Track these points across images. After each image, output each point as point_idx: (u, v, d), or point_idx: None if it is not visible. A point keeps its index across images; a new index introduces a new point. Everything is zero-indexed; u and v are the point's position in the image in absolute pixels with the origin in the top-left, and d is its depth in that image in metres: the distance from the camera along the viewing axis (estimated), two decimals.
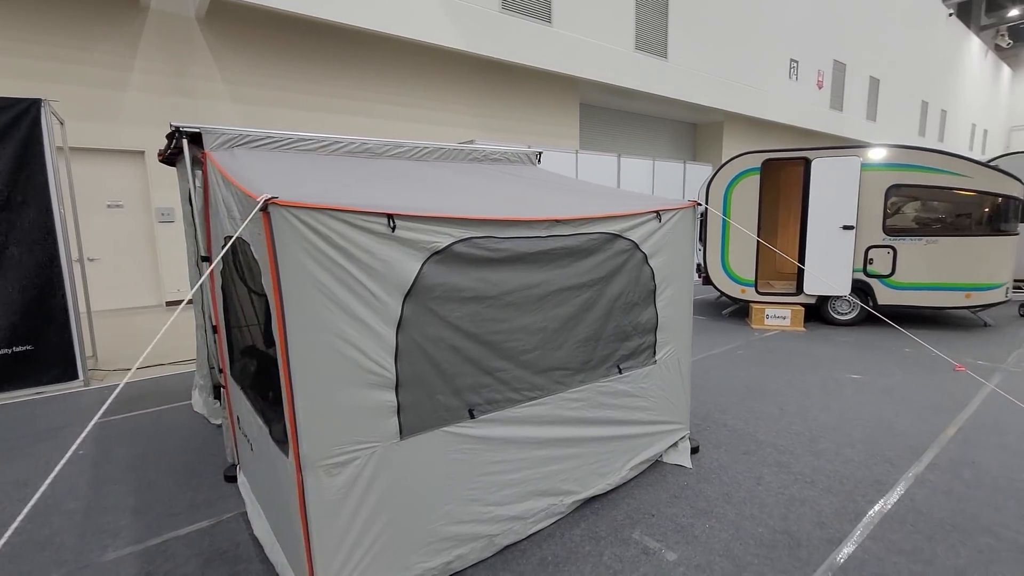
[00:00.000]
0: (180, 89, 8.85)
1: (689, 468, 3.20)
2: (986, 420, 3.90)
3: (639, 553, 2.42)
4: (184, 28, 8.81)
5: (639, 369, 2.98)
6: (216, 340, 3.05)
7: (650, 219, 2.92)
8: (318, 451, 1.85)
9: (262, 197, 1.70)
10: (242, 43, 9.29)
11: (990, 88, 32.60)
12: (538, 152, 4.33)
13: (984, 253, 6.26)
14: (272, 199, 1.70)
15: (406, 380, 2.05)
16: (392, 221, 1.97)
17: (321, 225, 1.81)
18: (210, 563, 2.40)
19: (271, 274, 1.75)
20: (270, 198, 1.70)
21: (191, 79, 8.96)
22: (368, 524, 2.00)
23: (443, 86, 11.68)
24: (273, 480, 2.22)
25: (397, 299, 2.00)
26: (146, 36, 8.52)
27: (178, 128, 2.84)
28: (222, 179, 2.46)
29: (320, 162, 2.99)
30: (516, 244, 2.34)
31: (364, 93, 10.62)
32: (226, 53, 9.21)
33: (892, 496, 2.88)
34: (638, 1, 13.51)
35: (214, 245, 2.89)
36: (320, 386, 1.84)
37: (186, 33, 8.85)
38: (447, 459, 2.22)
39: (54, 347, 4.76)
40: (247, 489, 2.90)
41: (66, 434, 3.85)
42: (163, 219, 9.03)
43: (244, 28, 9.22)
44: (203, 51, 9.04)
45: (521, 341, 2.41)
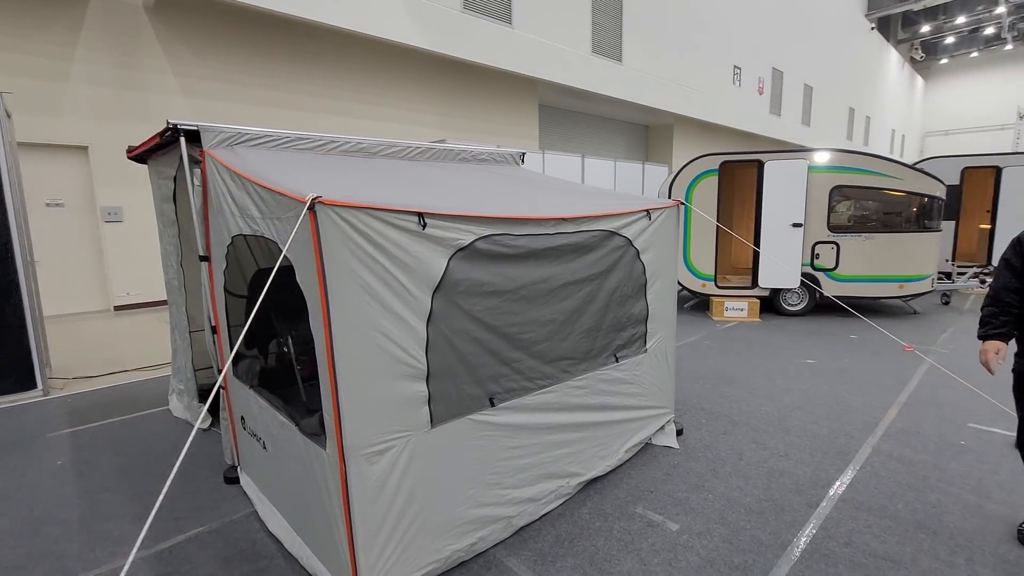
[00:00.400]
0: (127, 82, 8.40)
1: (677, 448, 3.44)
2: (924, 395, 4.38)
3: (644, 526, 2.62)
4: (130, 17, 8.36)
5: (633, 357, 3.19)
6: (216, 341, 3.01)
7: (641, 217, 3.13)
8: (359, 440, 1.93)
9: (309, 197, 1.76)
10: (194, 35, 8.91)
11: (907, 97, 35.52)
12: (522, 153, 4.48)
13: (913, 248, 6.94)
14: (318, 198, 1.77)
15: (435, 371, 2.15)
16: (423, 219, 2.06)
17: (361, 223, 1.88)
18: (229, 562, 2.41)
19: (317, 271, 1.80)
20: (316, 197, 1.76)
21: (139, 71, 8.51)
22: (403, 509, 2.08)
23: (405, 85, 11.61)
24: (301, 474, 2.26)
25: (427, 294, 2.09)
26: (88, 25, 8.03)
27: (175, 125, 2.79)
28: (234, 177, 2.46)
29: (322, 161, 3.01)
30: (528, 241, 2.48)
31: (322, 90, 10.41)
32: (176, 45, 8.80)
33: (856, 463, 3.23)
34: (594, 6, 13.90)
35: (215, 244, 2.86)
36: (361, 378, 1.92)
37: (133, 23, 8.40)
38: (471, 445, 2.33)
39: (10, 355, 4.47)
40: (254, 489, 2.89)
41: (38, 445, 3.66)
42: (109, 219, 8.54)
43: (196, 19, 8.85)
44: (151, 42, 8.60)
45: (533, 333, 2.55)
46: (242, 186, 2.41)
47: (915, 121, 37.71)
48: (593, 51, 14.05)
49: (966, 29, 31.49)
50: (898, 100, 34.22)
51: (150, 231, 8.76)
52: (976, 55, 33.74)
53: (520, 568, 2.33)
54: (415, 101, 11.84)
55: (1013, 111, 30.67)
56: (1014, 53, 31.86)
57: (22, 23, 7.46)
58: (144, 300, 8.84)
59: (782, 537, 2.53)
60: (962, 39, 33.06)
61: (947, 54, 34.87)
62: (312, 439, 2.11)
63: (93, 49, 8.05)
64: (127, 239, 8.60)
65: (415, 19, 10.35)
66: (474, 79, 12.72)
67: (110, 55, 8.21)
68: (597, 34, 14.09)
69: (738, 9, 19.06)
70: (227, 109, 9.31)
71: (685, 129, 19.14)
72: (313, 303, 1.89)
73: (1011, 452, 3.36)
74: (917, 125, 38.19)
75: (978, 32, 31.52)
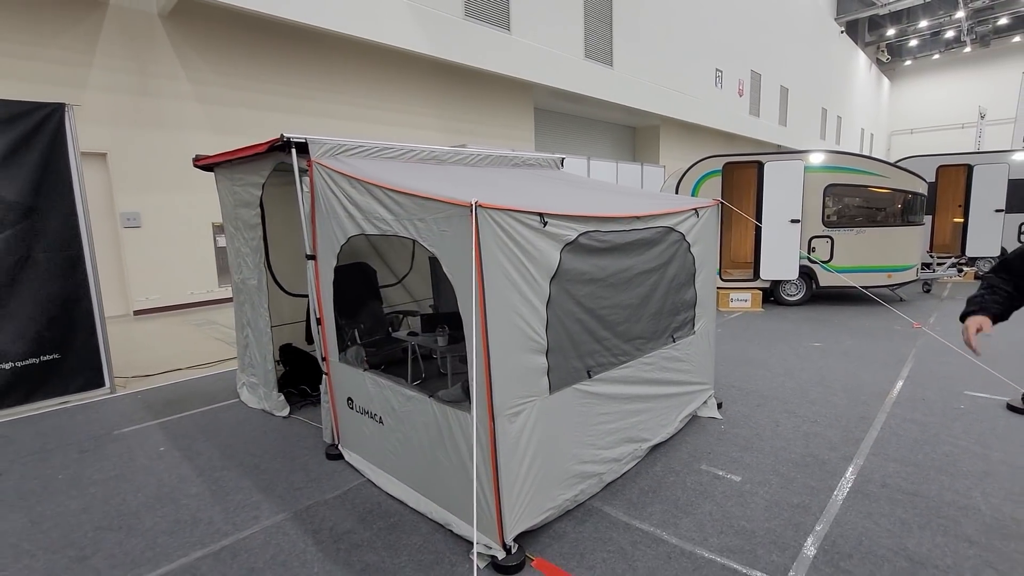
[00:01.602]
0: (143, 88, 8.54)
1: (720, 419, 3.90)
2: (923, 369, 4.94)
3: (712, 478, 3.06)
4: (146, 25, 8.51)
5: (685, 338, 3.63)
6: (320, 331, 3.34)
7: (691, 215, 3.58)
8: (503, 403, 2.32)
9: (471, 201, 2.14)
10: (207, 42, 9.09)
11: (874, 97, 37.10)
12: (561, 158, 4.90)
13: (900, 240, 7.59)
14: (479, 203, 2.15)
15: (552, 346, 2.55)
16: (543, 219, 2.46)
17: (503, 222, 2.27)
18: (364, 519, 2.76)
19: (476, 263, 2.18)
20: (478, 202, 2.14)
21: (154, 78, 8.67)
22: (531, 463, 2.48)
23: (407, 90, 11.91)
24: (432, 438, 2.62)
25: (546, 280, 2.49)
26: (105, 33, 8.16)
27: (288, 139, 3.12)
28: (354, 183, 2.81)
29: (412, 168, 3.38)
30: (613, 236, 2.90)
31: (330, 95, 10.66)
32: (190, 52, 8.97)
33: (876, 426, 3.74)
34: (586, 13, 14.41)
35: (324, 244, 3.19)
36: (504, 351, 2.31)
37: (148, 30, 8.56)
38: (575, 411, 2.73)
39: (80, 355, 4.69)
40: (362, 462, 3.24)
41: (130, 435, 3.92)
42: (128, 224, 8.67)
43: (209, 27, 9.03)
44: (166, 49, 8.76)
45: (617, 315, 2.97)
46: (367, 191, 2.77)
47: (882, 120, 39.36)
48: (586, 56, 14.55)
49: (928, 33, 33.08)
50: (866, 100, 35.73)
51: (168, 236, 8.92)
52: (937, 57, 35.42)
53: (617, 513, 2.74)
54: (416, 105, 12.15)
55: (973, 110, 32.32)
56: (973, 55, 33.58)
57: (41, 31, 7.57)
58: (164, 304, 8.98)
59: (828, 483, 3.00)
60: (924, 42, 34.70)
61: (911, 56, 36.53)
62: (453, 406, 2.48)
63: (110, 56, 8.19)
64: (146, 244, 8.74)
65: (420, 26, 10.67)
66: (473, 83, 13.08)
67: (127, 62, 8.35)
68: (589, 39, 14.60)
69: (719, 14, 19.81)
70: (237, 114, 9.49)
71: (671, 130, 19.82)
72: (464, 289, 2.27)
73: (1004, 413, 3.91)
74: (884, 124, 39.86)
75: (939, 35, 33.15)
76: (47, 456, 3.60)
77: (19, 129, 4.27)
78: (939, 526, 2.57)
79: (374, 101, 11.34)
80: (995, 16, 29.55)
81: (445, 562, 2.40)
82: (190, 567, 2.42)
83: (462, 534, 2.54)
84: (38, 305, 4.42)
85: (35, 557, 2.53)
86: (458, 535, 2.56)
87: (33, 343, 4.42)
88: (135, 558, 2.50)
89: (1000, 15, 29.43)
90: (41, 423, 4.18)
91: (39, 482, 3.25)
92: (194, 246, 9.28)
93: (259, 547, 2.55)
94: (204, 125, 9.21)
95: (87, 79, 8.04)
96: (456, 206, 2.23)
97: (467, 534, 2.52)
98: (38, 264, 4.42)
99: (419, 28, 10.65)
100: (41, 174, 4.39)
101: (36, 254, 4.40)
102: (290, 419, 4.14)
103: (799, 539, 2.51)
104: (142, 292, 8.81)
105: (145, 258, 8.75)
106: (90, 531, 2.73)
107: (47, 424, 4.16)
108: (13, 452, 3.68)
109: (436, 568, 2.36)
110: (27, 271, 4.37)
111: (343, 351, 3.30)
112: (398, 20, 10.32)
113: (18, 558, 2.53)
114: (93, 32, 8.04)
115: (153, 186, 8.77)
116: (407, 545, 2.53)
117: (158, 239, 8.86)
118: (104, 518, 2.84)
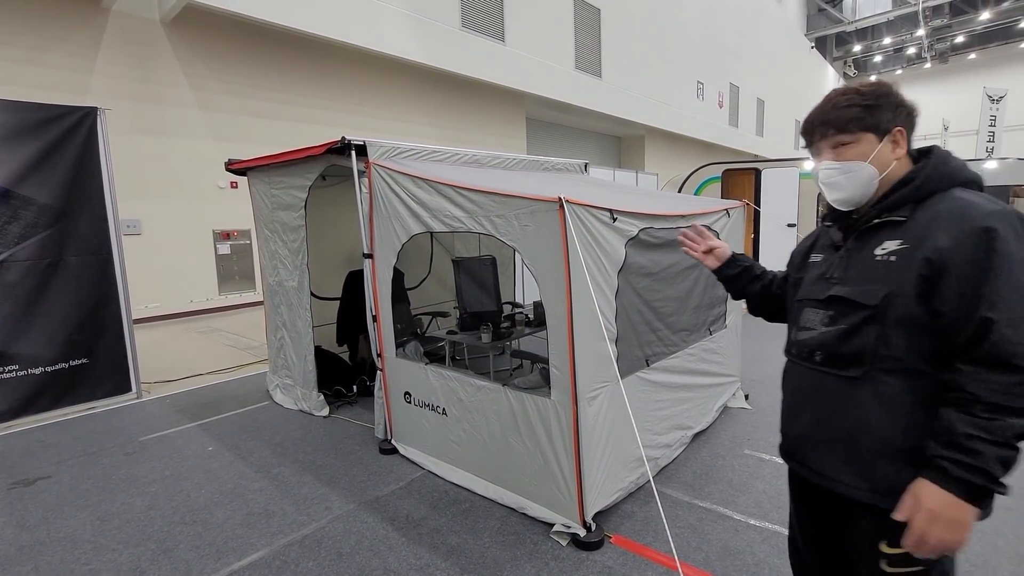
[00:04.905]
0: (145, 95, 8.48)
1: (750, 409, 4.11)
2: None
3: (757, 461, 3.25)
4: (148, 32, 8.48)
5: (720, 332, 3.84)
6: (376, 328, 3.43)
7: (723, 215, 3.80)
8: (584, 387, 2.46)
9: (558, 197, 2.29)
10: (209, 49, 9.09)
11: None
12: (586, 163, 5.10)
13: None
14: (567, 199, 2.30)
15: (620, 335, 2.71)
16: (613, 215, 2.63)
17: (583, 217, 2.43)
18: (436, 506, 2.85)
19: (563, 256, 2.33)
20: (565, 198, 2.30)
21: (156, 85, 8.62)
22: (605, 445, 2.62)
23: (403, 98, 12.04)
24: (505, 425, 2.74)
25: (615, 272, 2.65)
26: (108, 39, 8.10)
27: (349, 141, 3.23)
28: (420, 183, 2.95)
29: (466, 170, 3.52)
30: (664, 233, 3.08)
31: (326, 103, 10.70)
32: (192, 59, 8.95)
33: None
34: (576, 25, 14.79)
35: (382, 243, 3.29)
36: (584, 339, 2.45)
37: (150, 37, 8.52)
38: (637, 397, 2.89)
39: (108, 359, 4.66)
40: (419, 455, 3.33)
41: (173, 437, 3.92)
42: (128, 231, 8.53)
43: (211, 34, 9.03)
44: (169, 56, 8.73)
45: (668, 307, 3.15)
46: (435, 191, 2.91)
47: None
48: (576, 67, 14.91)
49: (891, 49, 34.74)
50: None
51: (169, 244, 8.82)
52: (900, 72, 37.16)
53: (677, 494, 2.90)
54: (411, 114, 12.28)
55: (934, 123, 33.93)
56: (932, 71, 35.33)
57: (43, 37, 7.48)
58: (164, 313, 8.85)
59: None
60: (888, 58, 36.38)
61: (875, 71, 38.21)
62: (532, 392, 2.61)
63: (112, 63, 8.13)
64: (146, 252, 8.61)
65: (418, 36, 10.84)
66: (467, 93, 13.27)
67: (129, 69, 8.29)
68: (579, 51, 14.97)
69: (700, 29, 20.51)
70: (238, 121, 9.48)
71: (655, 140, 20.34)
72: (549, 280, 2.42)
73: None
74: None
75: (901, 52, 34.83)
76: (93, 459, 3.58)
77: (52, 133, 4.26)
78: None
79: (369, 109, 11.43)
80: (953, 34, 31.23)
81: (527, 542, 2.52)
82: (279, 554, 2.48)
83: (538, 516, 2.66)
84: (68, 309, 4.39)
85: (116, 552, 2.55)
86: (533, 517, 2.68)
87: (64, 347, 4.38)
88: (219, 548, 2.55)
89: (957, 33, 31.11)
90: (75, 428, 4.14)
91: (93, 483, 3.25)
92: (195, 254, 9.19)
93: (341, 534, 2.62)
94: (205, 132, 9.17)
95: (88, 85, 7.95)
96: (542, 202, 2.38)
97: (543, 516, 2.64)
98: (69, 268, 4.39)
99: (418, 39, 10.82)
100: (73, 177, 4.38)
101: (67, 257, 4.38)
102: (331, 418, 4.19)
103: None
104: (142, 300, 8.65)
105: (145, 266, 8.61)
106: (164, 526, 2.75)
107: (82, 428, 4.12)
108: (56, 455, 3.65)
109: (520, 547, 2.48)
110: (58, 275, 4.34)
111: (400, 347, 3.40)
112: (398, 31, 10.47)
113: (99, 553, 2.55)
114: (95, 38, 7.97)
115: (154, 193, 8.68)
116: (486, 528, 2.64)
117: (159, 247, 8.75)
118: (174, 514, 2.87)
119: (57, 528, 2.76)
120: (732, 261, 1.64)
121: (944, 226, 1.07)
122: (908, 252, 1.11)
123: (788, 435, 1.36)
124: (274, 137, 9.88)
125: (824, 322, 1.23)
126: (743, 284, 1.63)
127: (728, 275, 1.65)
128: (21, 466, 3.49)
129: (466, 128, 13.51)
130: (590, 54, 15.37)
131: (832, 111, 1.22)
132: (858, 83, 1.24)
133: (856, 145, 1.20)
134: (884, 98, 1.20)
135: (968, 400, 1.01)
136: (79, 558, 2.51)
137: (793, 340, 1.34)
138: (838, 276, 1.23)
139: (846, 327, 1.18)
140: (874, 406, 1.13)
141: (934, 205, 1.12)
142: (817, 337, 1.24)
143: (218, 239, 9.51)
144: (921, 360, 1.09)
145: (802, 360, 1.28)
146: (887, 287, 1.12)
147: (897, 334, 1.10)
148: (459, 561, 2.39)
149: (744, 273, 1.63)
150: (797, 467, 1.33)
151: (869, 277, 1.16)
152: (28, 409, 4.23)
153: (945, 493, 1.01)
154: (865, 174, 1.19)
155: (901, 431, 1.11)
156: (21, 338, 4.18)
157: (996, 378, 0.98)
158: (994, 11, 27.70)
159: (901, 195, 1.16)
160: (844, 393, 1.18)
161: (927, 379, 1.09)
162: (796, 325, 1.34)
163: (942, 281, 1.05)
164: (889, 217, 1.17)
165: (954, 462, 1.00)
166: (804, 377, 1.28)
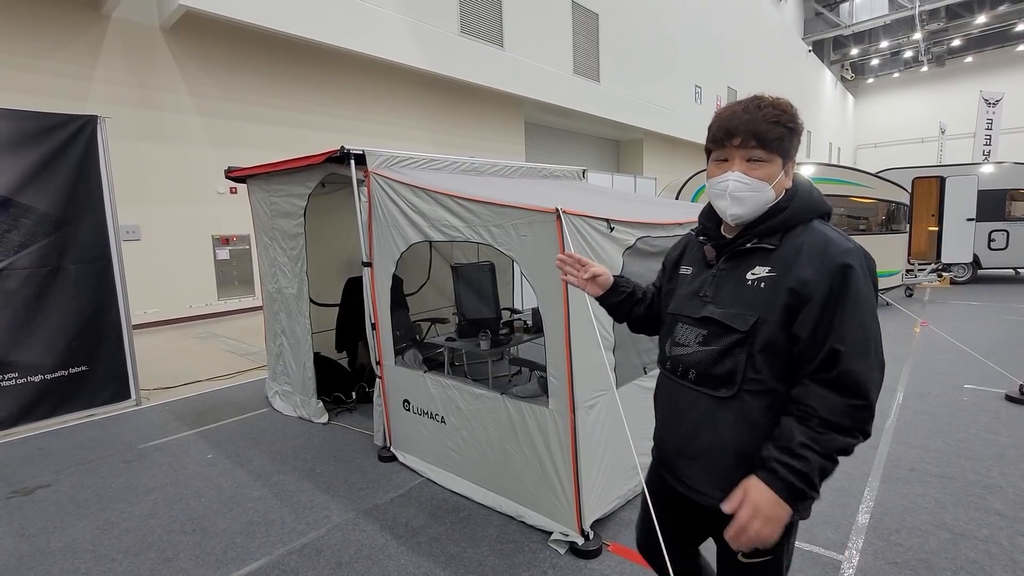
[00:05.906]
0: (144, 101, 8.51)
1: None
2: (922, 366, 5.28)
3: None
4: (148, 39, 8.51)
5: None
6: (375, 336, 3.44)
7: None
8: (582, 396, 2.48)
9: (556, 208, 2.32)
10: (208, 56, 9.12)
11: (840, 113, 38.82)
12: (583, 170, 5.12)
13: (885, 247, 8.03)
14: (564, 209, 2.32)
15: (618, 343, 2.72)
16: (610, 224, 2.65)
17: (580, 227, 2.45)
18: (435, 514, 2.86)
19: None
20: (563, 209, 2.32)
21: (155, 91, 8.65)
22: (603, 453, 2.63)
23: (402, 103, 12.08)
24: (504, 434, 2.76)
25: None
26: (107, 46, 8.13)
27: (348, 151, 3.25)
28: (418, 192, 2.96)
29: (464, 178, 3.54)
30: (661, 241, 3.10)
31: (324, 108, 10.73)
32: (191, 65, 8.99)
33: (891, 417, 4.01)
34: (575, 30, 14.85)
35: (381, 252, 3.31)
36: (582, 349, 2.47)
37: (150, 44, 8.55)
38: (633, 405, 2.90)
39: (108, 366, 4.67)
40: (418, 462, 3.33)
41: (171, 445, 3.93)
42: (127, 237, 8.54)
43: (210, 41, 9.06)
44: (168, 63, 8.76)
45: None
46: (434, 200, 2.92)
47: (848, 135, 41.13)
48: (575, 72, 14.98)
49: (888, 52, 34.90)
50: (833, 116, 37.34)
51: (168, 250, 8.83)
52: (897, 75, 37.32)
53: None
54: (410, 119, 12.31)
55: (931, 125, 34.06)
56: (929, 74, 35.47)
57: (42, 44, 7.51)
58: (163, 318, 8.86)
59: (862, 469, 3.23)
60: (885, 61, 36.55)
61: (872, 74, 38.39)
62: (530, 401, 2.63)
63: (112, 69, 8.16)
64: (145, 258, 8.62)
65: (417, 42, 10.89)
66: (466, 98, 13.32)
67: (128, 75, 8.32)
68: (578, 56, 15.04)
69: (697, 33, 20.60)
70: (236, 127, 9.50)
71: (653, 143, 20.40)
72: (546, 290, 2.43)
73: (1004, 403, 4.23)
74: (850, 138, 41.64)
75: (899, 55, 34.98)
76: (92, 467, 3.59)
77: (53, 142, 4.28)
78: (970, 503, 2.81)
79: (367, 114, 11.46)
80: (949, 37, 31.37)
81: (526, 550, 2.53)
82: (278, 563, 2.49)
83: (536, 524, 2.67)
84: (68, 316, 4.40)
85: (116, 561, 2.56)
86: (531, 526, 2.69)
87: (63, 355, 4.39)
88: (219, 557, 2.56)
89: (954, 36, 31.25)
90: (74, 435, 4.15)
91: (93, 491, 3.25)
92: (194, 259, 9.20)
93: (339, 543, 2.63)
94: (204, 138, 9.20)
95: (88, 92, 7.98)
96: (540, 212, 2.40)
97: (541, 524, 2.65)
98: (68, 275, 4.40)
99: (417, 44, 10.87)
100: (73, 186, 4.40)
101: (67, 265, 4.39)
102: (330, 425, 4.20)
103: (848, 518, 2.72)
104: (141, 306, 8.67)
105: (144, 272, 8.62)
106: (164, 535, 2.76)
107: (81, 436, 4.13)
108: (55, 463, 3.65)
109: (518, 555, 2.49)
110: (58, 282, 4.35)
111: (399, 355, 3.41)
112: (397, 36, 10.52)
113: (98, 562, 2.56)
114: (95, 45, 8.00)
115: (153, 199, 8.70)
116: (484, 536, 2.65)
117: (157, 252, 8.77)
118: (174, 522, 2.87)
119: (57, 537, 2.77)
120: (615, 288, 1.55)
121: (807, 259, 1.15)
122: (776, 280, 1.17)
123: (664, 448, 1.39)
124: (273, 142, 9.91)
125: (698, 341, 1.27)
126: (627, 309, 1.57)
127: (612, 303, 1.57)
128: (20, 474, 3.50)
129: (465, 133, 13.55)
130: (588, 59, 15.43)
131: (762, 124, 1.17)
132: (772, 98, 1.21)
133: (768, 165, 1.20)
134: (798, 125, 1.20)
135: (808, 414, 1.11)
136: (79, 568, 2.51)
137: (668, 355, 1.38)
138: (711, 296, 1.27)
139: (719, 349, 1.22)
140: (737, 424, 1.21)
141: (798, 235, 1.19)
142: (692, 356, 1.28)
143: (217, 244, 9.53)
144: (778, 381, 1.19)
145: (677, 376, 1.33)
146: (757, 313, 1.18)
147: (762, 357, 1.18)
148: (458, 570, 2.40)
149: (628, 299, 1.56)
150: (669, 477, 1.37)
151: (740, 301, 1.21)
152: (27, 417, 4.23)
153: (770, 491, 1.10)
154: (766, 197, 1.21)
155: (757, 446, 1.18)
156: (21, 346, 4.19)
157: (836, 399, 1.09)
158: (990, 15, 27.86)
159: (773, 224, 1.21)
160: (715, 412, 1.24)
161: (782, 398, 1.18)
162: (670, 339, 1.36)
163: (803, 310, 1.13)
164: (759, 244, 1.22)
165: (784, 465, 1.10)
166: (680, 393, 1.32)
